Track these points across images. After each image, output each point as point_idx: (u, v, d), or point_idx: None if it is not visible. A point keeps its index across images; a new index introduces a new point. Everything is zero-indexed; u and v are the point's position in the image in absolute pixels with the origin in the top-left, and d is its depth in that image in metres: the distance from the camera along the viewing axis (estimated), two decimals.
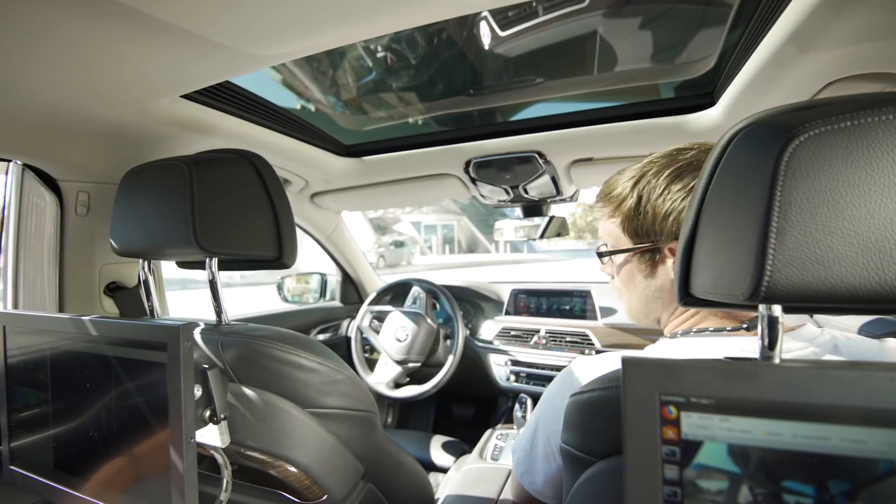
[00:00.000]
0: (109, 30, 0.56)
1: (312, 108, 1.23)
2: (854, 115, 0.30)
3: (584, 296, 1.72)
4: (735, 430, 0.29)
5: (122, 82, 0.70)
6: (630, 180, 0.65)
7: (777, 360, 0.35)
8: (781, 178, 0.31)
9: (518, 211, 1.59)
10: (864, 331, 1.04)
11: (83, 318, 0.61)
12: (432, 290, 1.81)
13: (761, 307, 0.36)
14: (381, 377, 1.75)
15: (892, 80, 0.68)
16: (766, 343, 0.36)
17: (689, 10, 0.93)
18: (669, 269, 0.62)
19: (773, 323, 0.35)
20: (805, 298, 0.32)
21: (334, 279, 2.09)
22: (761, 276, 0.32)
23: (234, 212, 0.68)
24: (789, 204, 0.31)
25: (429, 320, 1.72)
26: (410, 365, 1.69)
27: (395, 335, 1.70)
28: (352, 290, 2.12)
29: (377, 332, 1.80)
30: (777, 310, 0.35)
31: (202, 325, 0.72)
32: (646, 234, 0.63)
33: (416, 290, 1.81)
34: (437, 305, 1.85)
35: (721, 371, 0.30)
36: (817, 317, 1.20)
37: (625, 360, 0.32)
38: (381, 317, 1.82)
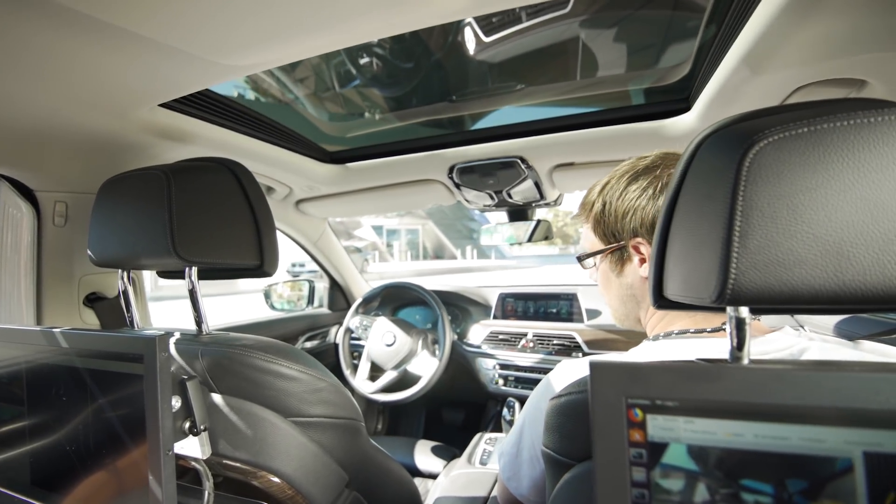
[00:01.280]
0: (85, 41, 0.56)
1: (295, 115, 1.23)
2: (811, 121, 0.31)
3: (571, 298, 1.74)
4: (699, 431, 0.30)
5: (100, 91, 0.69)
6: (599, 186, 0.69)
7: (746, 361, 0.36)
8: (743, 183, 0.32)
9: (490, 215, 1.61)
10: (840, 328, 1.06)
11: (58, 330, 0.60)
12: (420, 295, 1.81)
13: (729, 309, 0.36)
14: (368, 381, 1.74)
15: (858, 86, 0.70)
16: (734, 344, 0.36)
17: (665, 16, 0.95)
18: (636, 265, 0.65)
19: (740, 324, 0.36)
20: (769, 300, 0.32)
21: (322, 286, 2.08)
22: (726, 279, 0.32)
23: (214, 220, 0.68)
24: (751, 208, 0.32)
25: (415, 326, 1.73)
26: (398, 369, 1.69)
27: (383, 340, 1.70)
28: (339, 296, 2.11)
29: (365, 337, 1.79)
30: (744, 311, 0.36)
31: (181, 335, 0.71)
32: (612, 235, 0.67)
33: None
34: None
35: (685, 373, 0.31)
36: (799, 316, 1.22)
37: (592, 364, 0.33)
38: (368, 323, 1.82)
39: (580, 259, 0.74)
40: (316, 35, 0.58)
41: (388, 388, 1.69)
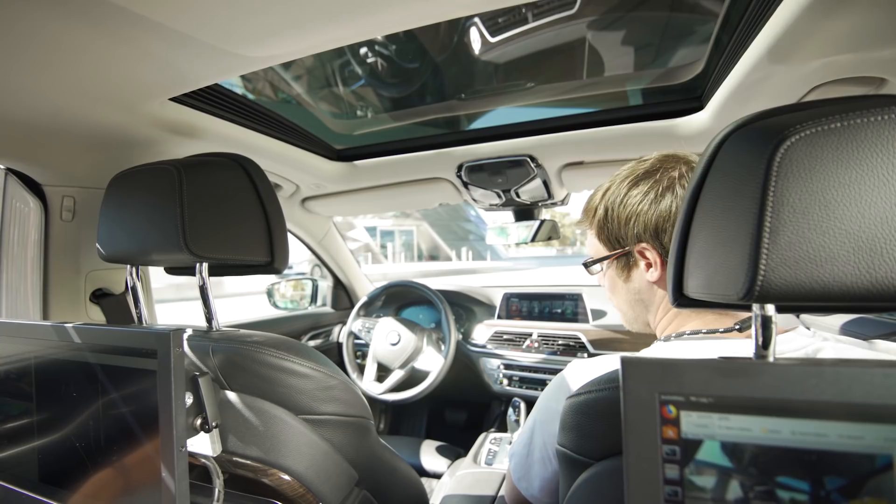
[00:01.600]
0: (98, 30, 0.55)
1: (304, 112, 1.23)
2: (843, 116, 0.30)
3: (576, 299, 1.73)
4: (734, 428, 0.29)
5: (111, 84, 0.69)
6: (601, 192, 0.69)
7: (771, 360, 0.35)
8: (774, 178, 0.31)
9: (491, 216, 1.62)
10: (846, 329, 1.06)
11: (70, 325, 0.59)
12: (424, 293, 1.81)
13: (755, 307, 0.36)
14: (375, 381, 1.74)
15: (877, 84, 0.69)
16: (759, 343, 0.36)
17: (677, 16, 0.95)
18: (643, 270, 0.65)
19: (766, 322, 0.36)
20: (799, 297, 0.32)
21: (325, 284, 2.07)
22: (755, 276, 0.32)
23: (225, 216, 0.68)
24: (782, 204, 0.31)
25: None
26: (406, 367, 1.68)
27: (388, 339, 1.70)
28: (343, 295, 2.10)
29: (368, 339, 1.79)
30: (770, 309, 0.35)
31: (192, 332, 0.71)
32: (616, 241, 0.67)
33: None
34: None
35: (720, 370, 0.31)
36: (804, 318, 1.22)
37: (624, 360, 0.32)
38: (370, 325, 1.81)
39: (586, 266, 0.73)
40: (334, 27, 0.57)
41: (397, 388, 1.68)
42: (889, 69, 0.65)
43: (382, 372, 1.75)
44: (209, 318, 0.72)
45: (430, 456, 1.54)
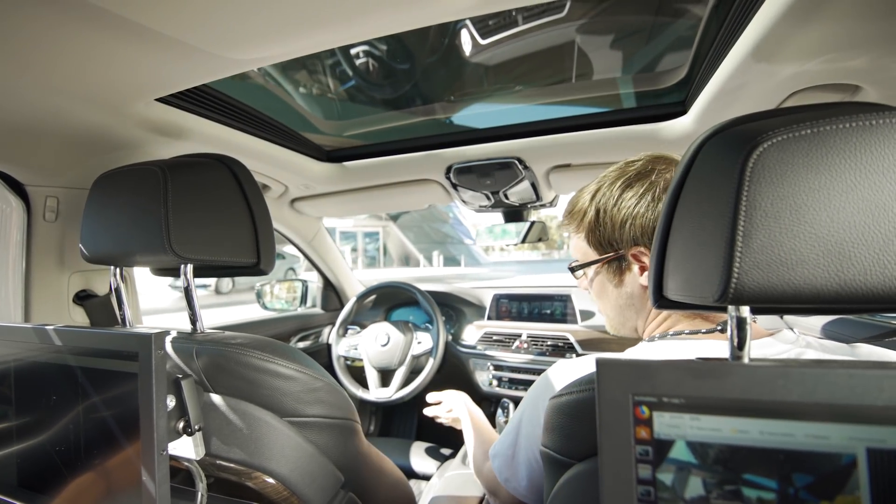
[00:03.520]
0: (82, 32, 0.55)
1: (292, 112, 1.22)
2: (814, 123, 0.31)
3: (565, 300, 1.74)
4: (705, 428, 0.30)
5: (95, 84, 0.68)
6: (588, 194, 0.68)
7: (746, 361, 0.36)
8: (747, 183, 0.32)
9: (465, 218, 1.63)
10: (826, 329, 1.08)
11: (51, 327, 0.58)
12: (412, 294, 1.81)
13: (730, 308, 0.37)
14: (382, 388, 1.73)
15: (852, 91, 0.71)
16: (735, 343, 0.37)
17: (662, 21, 0.96)
18: (636, 274, 0.64)
19: (741, 324, 0.36)
20: (771, 299, 0.33)
21: (315, 285, 2.06)
22: (729, 278, 0.33)
23: (211, 217, 0.67)
24: (754, 208, 0.32)
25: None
26: (404, 363, 1.68)
27: (378, 342, 1.69)
28: (333, 296, 2.10)
29: (357, 352, 1.78)
30: (745, 311, 0.36)
31: (176, 334, 0.70)
32: (609, 244, 0.65)
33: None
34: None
35: (692, 371, 0.31)
36: (787, 319, 1.24)
37: (599, 362, 0.33)
38: (354, 342, 1.80)
39: (573, 270, 0.72)
40: (321, 30, 0.57)
41: (405, 383, 1.67)
42: (862, 76, 0.67)
43: (385, 375, 1.74)
44: (193, 319, 0.72)
45: (419, 458, 1.54)
